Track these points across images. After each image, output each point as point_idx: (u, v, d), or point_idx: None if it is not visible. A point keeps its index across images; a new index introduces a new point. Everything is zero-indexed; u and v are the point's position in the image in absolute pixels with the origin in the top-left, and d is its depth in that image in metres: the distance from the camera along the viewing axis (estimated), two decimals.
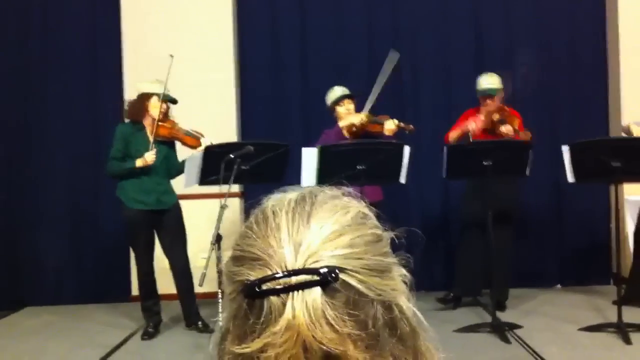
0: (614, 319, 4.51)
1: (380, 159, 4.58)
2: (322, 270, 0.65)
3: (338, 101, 5.17)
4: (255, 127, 6.22)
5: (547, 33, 6.26)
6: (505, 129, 5.11)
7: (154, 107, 4.79)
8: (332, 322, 0.64)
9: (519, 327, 4.69)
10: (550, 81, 6.24)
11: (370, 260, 0.68)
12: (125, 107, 4.99)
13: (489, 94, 5.22)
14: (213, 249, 3.82)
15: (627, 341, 4.26)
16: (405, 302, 0.73)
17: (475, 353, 4.23)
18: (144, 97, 4.82)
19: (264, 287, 0.65)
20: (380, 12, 6.32)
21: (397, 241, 0.81)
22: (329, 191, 0.76)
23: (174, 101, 4.89)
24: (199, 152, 4.68)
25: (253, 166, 4.39)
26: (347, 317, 0.65)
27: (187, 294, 4.93)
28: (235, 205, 5.88)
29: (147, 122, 4.86)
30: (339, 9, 6.32)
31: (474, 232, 5.20)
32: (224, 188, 4.10)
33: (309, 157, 4.52)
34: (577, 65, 6.25)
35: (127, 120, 4.94)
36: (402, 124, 5.04)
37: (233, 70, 6.21)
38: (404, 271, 0.76)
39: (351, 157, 4.53)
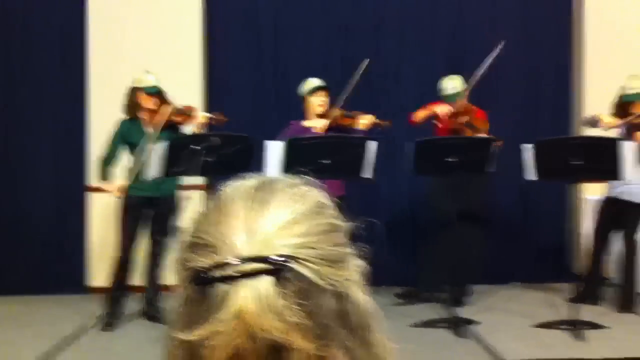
0: (569, 316, 4.61)
1: (346, 154, 4.58)
2: (274, 259, 0.65)
3: (313, 91, 5.14)
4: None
5: (510, 32, 6.32)
6: (470, 131, 5.16)
7: (145, 101, 4.77)
8: (282, 312, 0.63)
9: (476, 322, 4.76)
10: (516, 81, 6.32)
11: (325, 250, 0.68)
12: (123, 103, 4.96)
13: (453, 99, 5.26)
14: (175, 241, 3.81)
15: (581, 338, 4.36)
16: (359, 293, 0.72)
17: (432, 348, 4.28)
18: (133, 92, 4.83)
19: (214, 274, 0.65)
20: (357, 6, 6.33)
21: (356, 233, 0.81)
22: (288, 179, 0.75)
23: (159, 92, 4.84)
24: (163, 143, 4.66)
25: (218, 158, 4.37)
26: (297, 307, 0.64)
27: (151, 284, 4.93)
28: (198, 198, 5.83)
29: (144, 115, 4.84)
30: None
31: (438, 228, 5.25)
32: (189, 180, 4.08)
33: (274, 150, 4.52)
34: (541, 65, 6.33)
35: (126, 117, 4.91)
36: (377, 120, 5.02)
37: (200, 61, 6.17)
38: (360, 262, 0.75)
39: (317, 150, 4.53)
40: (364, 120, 4.98)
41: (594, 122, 5.10)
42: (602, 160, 4.60)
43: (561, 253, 6.26)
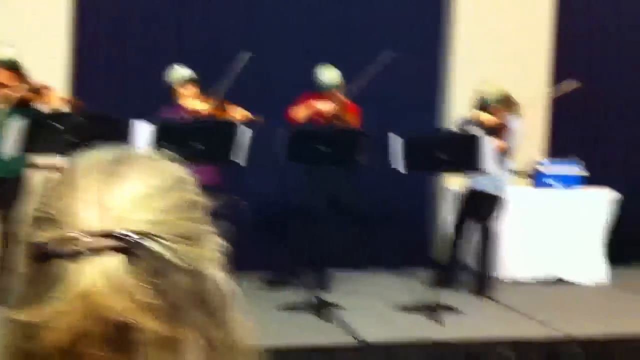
0: (428, 300, 4.81)
1: (218, 139, 4.52)
2: (126, 236, 0.61)
3: (182, 83, 5.01)
4: (90, 98, 5.88)
5: (383, 29, 6.48)
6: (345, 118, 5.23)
7: None
8: (132, 291, 0.60)
9: (340, 307, 4.86)
10: (384, 75, 6.46)
11: (182, 227, 0.66)
12: None
13: (331, 88, 5.30)
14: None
15: (439, 321, 4.56)
16: (218, 273, 0.70)
17: (296, 331, 4.33)
18: None
19: (57, 249, 0.61)
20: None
21: (219, 211, 0.78)
22: (147, 153, 0.72)
23: (15, 66, 4.52)
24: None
25: (82, 138, 4.17)
26: (148, 287, 0.62)
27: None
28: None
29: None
30: None
31: (305, 215, 5.30)
32: (47, 161, 3.87)
33: (143, 132, 4.37)
34: (410, 61, 6.51)
35: None
36: (252, 116, 4.97)
37: (66, 39, 5.86)
38: (220, 241, 0.73)
39: (188, 135, 4.43)
40: (238, 116, 4.92)
41: (469, 122, 5.32)
42: (465, 154, 4.83)
43: (422, 240, 6.50)
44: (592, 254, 6.03)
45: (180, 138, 4.37)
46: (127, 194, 0.64)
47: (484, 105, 5.32)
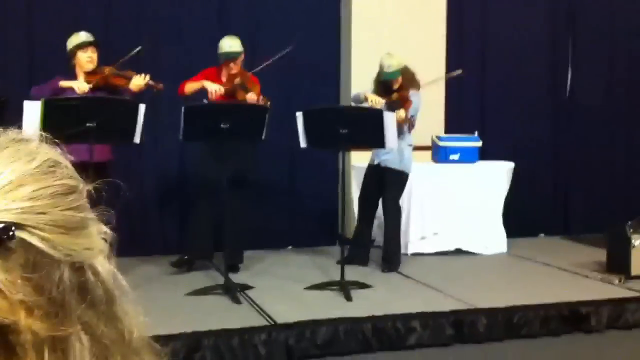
0: (337, 277, 4.81)
1: (113, 117, 4.33)
2: None
3: (81, 47, 4.73)
4: None
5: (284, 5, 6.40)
6: (250, 97, 5.13)
7: None
8: (2, 288, 0.55)
9: (250, 287, 4.80)
10: (286, 46, 6.39)
11: (57, 215, 0.59)
12: None
13: (232, 57, 5.19)
14: None
15: (348, 298, 4.57)
16: (103, 263, 0.64)
17: (206, 315, 4.23)
18: None
19: None
20: None
21: (100, 196, 0.70)
22: (13, 134, 0.64)
23: None
24: None
25: None
26: (23, 282, 0.56)
27: None
28: None
29: None
30: None
31: (208, 194, 5.18)
32: None
33: (31, 111, 4.11)
34: (312, 29, 6.46)
35: None
36: (151, 82, 4.78)
37: None
38: (104, 228, 0.67)
39: (81, 112, 4.21)
40: (137, 81, 4.70)
41: (360, 101, 5.34)
42: (367, 129, 4.83)
43: (331, 218, 6.51)
44: (492, 226, 6.21)
45: (73, 117, 4.14)
46: None
47: (383, 75, 5.32)
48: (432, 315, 4.25)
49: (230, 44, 5.22)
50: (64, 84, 4.63)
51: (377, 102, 5.19)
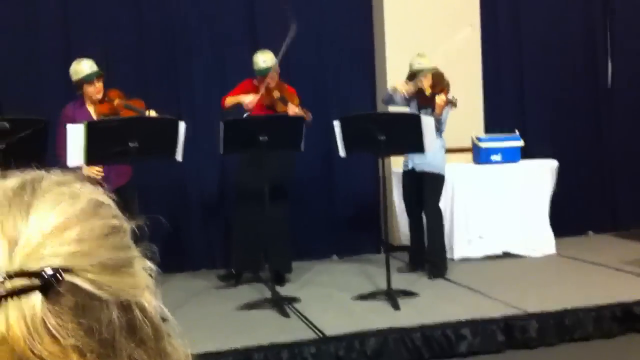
0: (383, 285, 4.77)
1: (154, 136, 4.39)
2: (42, 272, 0.55)
3: (89, 80, 4.76)
4: (8, 99, 5.65)
5: (316, 8, 6.40)
6: (290, 109, 5.15)
7: None
8: (55, 333, 0.54)
9: (297, 300, 4.79)
10: (321, 57, 6.41)
11: (104, 256, 0.59)
12: None
13: (267, 72, 5.22)
14: None
15: (396, 307, 4.52)
16: (149, 299, 0.64)
17: (256, 329, 4.24)
18: None
19: None
20: None
21: (140, 231, 0.70)
22: (56, 177, 0.65)
23: None
24: None
25: (9, 145, 3.96)
26: (74, 325, 0.56)
27: None
28: None
29: None
30: None
31: (250, 206, 5.20)
32: None
33: (75, 134, 4.19)
34: (346, 41, 6.47)
35: None
36: (160, 116, 4.80)
37: None
38: (149, 264, 0.67)
39: (123, 133, 4.28)
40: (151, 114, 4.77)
41: (390, 96, 5.30)
42: (406, 135, 4.80)
43: (374, 225, 6.48)
44: (539, 226, 6.10)
45: (115, 138, 4.21)
46: (37, 226, 0.58)
47: (413, 76, 5.31)
48: (482, 322, 4.18)
49: (263, 59, 5.26)
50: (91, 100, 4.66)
51: (405, 88, 5.17)
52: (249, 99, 5.16)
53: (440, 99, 5.12)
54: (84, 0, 5.87)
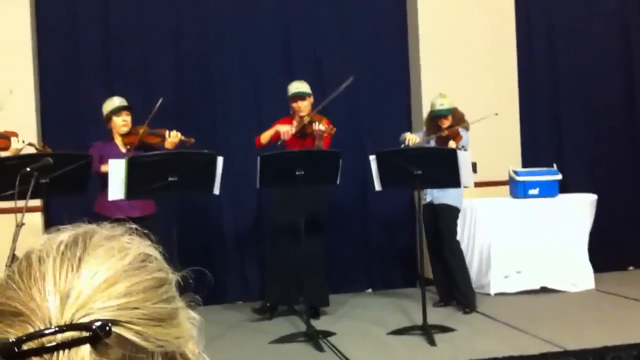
0: (419, 320, 4.74)
1: (193, 170, 4.47)
2: (92, 325, 0.58)
3: (116, 112, 4.97)
4: (57, 133, 5.83)
5: (352, 38, 6.48)
6: (318, 127, 5.17)
7: None
8: None
9: (332, 334, 4.78)
10: (354, 85, 6.45)
11: (150, 309, 0.62)
12: None
13: (300, 95, 5.32)
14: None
15: (432, 342, 4.48)
16: (192, 349, 0.68)
17: None
18: None
19: (25, 346, 0.57)
20: (187, 13, 6.21)
21: (184, 283, 0.74)
22: (107, 231, 0.68)
23: None
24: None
25: (53, 179, 4.08)
26: None
27: None
28: (35, 220, 5.44)
29: None
30: (143, 8, 6.11)
31: (285, 239, 5.23)
32: (20, 204, 3.77)
33: (116, 169, 4.29)
34: (380, 70, 6.52)
35: None
36: (183, 137, 4.94)
37: (32, 72, 5.78)
38: (193, 314, 0.70)
39: (163, 167, 4.38)
40: (171, 139, 4.89)
41: (401, 142, 5.37)
42: (442, 169, 4.80)
43: (409, 258, 6.45)
44: (578, 261, 6.00)
45: (155, 173, 4.30)
46: (88, 280, 0.61)
47: (434, 112, 5.36)
48: (519, 359, 4.12)
49: (297, 86, 5.40)
50: (104, 168, 4.69)
51: (413, 140, 5.24)
52: (285, 129, 5.26)
53: (452, 145, 5.16)
54: (124, 38, 6.05)
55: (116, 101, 5.00)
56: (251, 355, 4.42)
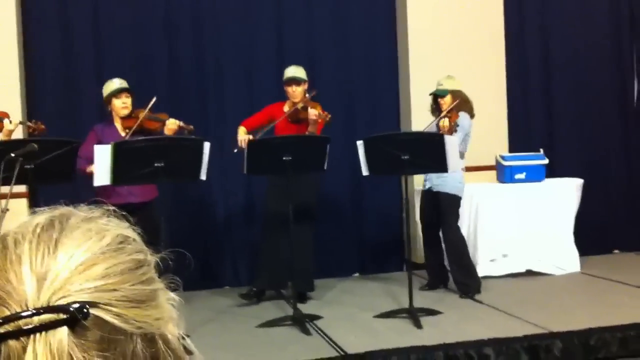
0: (406, 304, 4.77)
1: (180, 156, 4.46)
2: (69, 307, 0.58)
3: (115, 93, 4.92)
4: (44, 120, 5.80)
5: (344, 33, 6.47)
6: (311, 112, 5.15)
7: None
8: None
9: (319, 317, 4.81)
10: (347, 79, 6.47)
11: (129, 291, 0.62)
12: None
13: (296, 80, 5.30)
14: None
15: (418, 325, 4.52)
16: (172, 331, 0.67)
17: (277, 347, 4.27)
18: None
19: (1, 330, 0.57)
20: (180, 5, 6.17)
21: (164, 264, 0.74)
22: (84, 212, 0.68)
23: None
24: None
25: (38, 165, 4.05)
26: (99, 358, 0.58)
27: None
28: (21, 206, 5.41)
29: None
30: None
31: (276, 227, 5.24)
32: (4, 190, 3.75)
33: (102, 155, 4.27)
34: (371, 64, 6.53)
35: None
36: (182, 124, 4.92)
37: (17, 61, 5.73)
38: (172, 295, 0.70)
39: (148, 154, 4.35)
40: (170, 125, 4.86)
41: None
42: (429, 154, 4.81)
43: (396, 243, 6.48)
44: (563, 244, 6.05)
45: (141, 159, 4.29)
46: (64, 262, 0.60)
47: (437, 96, 5.33)
48: (505, 341, 4.16)
49: (294, 70, 5.39)
50: (90, 169, 4.61)
51: None
52: (241, 137, 5.22)
53: (443, 123, 5.11)
54: (115, 30, 6.01)
55: (116, 82, 4.96)
56: (239, 339, 4.44)
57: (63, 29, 5.94)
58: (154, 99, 4.85)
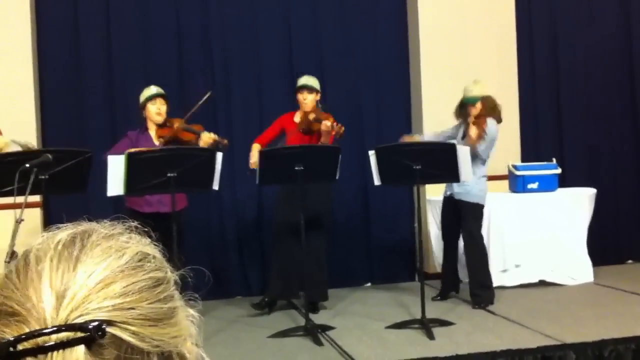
0: (418, 314, 4.75)
1: (192, 166, 4.47)
2: (87, 326, 0.58)
3: (150, 99, 4.98)
4: (56, 130, 5.85)
5: (353, 40, 6.49)
6: (324, 125, 5.14)
7: None
8: None
9: (331, 328, 4.79)
10: (356, 87, 6.47)
11: (146, 309, 0.62)
12: None
13: (307, 88, 5.31)
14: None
15: (431, 336, 4.50)
16: (190, 349, 0.67)
17: (288, 358, 4.26)
18: None
19: (20, 347, 0.57)
20: (190, 13, 6.20)
21: (183, 281, 0.74)
22: (105, 230, 0.68)
23: None
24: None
25: (52, 175, 4.07)
26: None
27: None
28: (34, 216, 5.45)
29: None
30: (145, 7, 6.11)
31: (288, 236, 5.24)
32: (19, 200, 3.77)
33: (115, 165, 4.30)
34: (381, 72, 6.54)
35: None
36: (217, 137, 4.94)
37: (32, 69, 5.77)
38: (191, 312, 0.70)
39: (161, 164, 4.37)
40: (205, 138, 4.88)
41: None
42: (441, 163, 4.80)
43: (409, 253, 6.46)
44: (576, 255, 6.01)
45: (154, 169, 4.31)
46: (84, 280, 0.61)
47: (463, 99, 5.30)
48: (518, 352, 4.13)
49: (307, 79, 5.41)
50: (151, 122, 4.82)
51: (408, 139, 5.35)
52: (254, 160, 5.20)
53: (472, 131, 5.10)
54: (125, 36, 6.05)
55: (152, 89, 5.02)
56: (251, 350, 4.44)
57: (73, 43, 5.98)
58: (208, 93, 4.84)
